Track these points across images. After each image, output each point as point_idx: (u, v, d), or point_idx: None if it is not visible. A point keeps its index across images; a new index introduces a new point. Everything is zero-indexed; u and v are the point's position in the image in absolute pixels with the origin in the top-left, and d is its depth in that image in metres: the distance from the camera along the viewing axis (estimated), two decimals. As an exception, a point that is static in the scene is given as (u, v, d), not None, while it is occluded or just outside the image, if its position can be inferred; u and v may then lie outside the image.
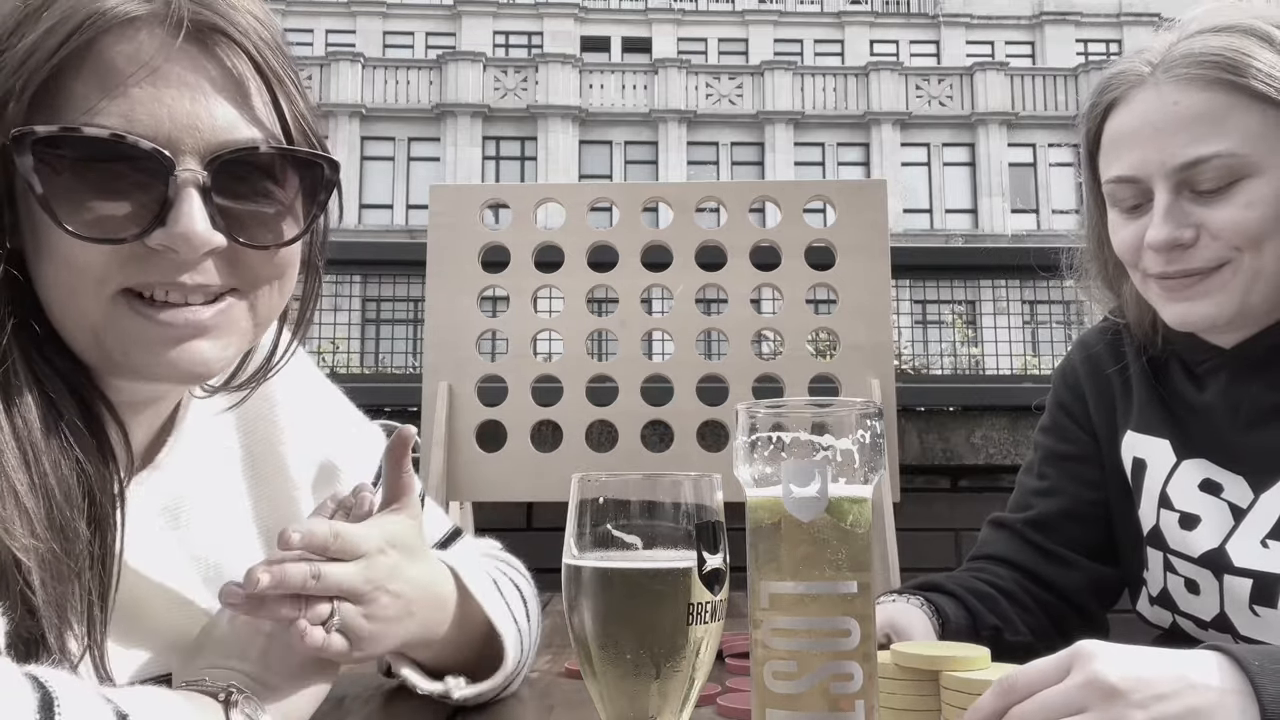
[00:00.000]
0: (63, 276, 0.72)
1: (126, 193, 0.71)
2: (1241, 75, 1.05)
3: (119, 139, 0.70)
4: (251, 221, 0.77)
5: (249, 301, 0.79)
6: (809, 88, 26.72)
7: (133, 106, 0.71)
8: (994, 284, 3.85)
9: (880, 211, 1.90)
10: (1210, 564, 1.13)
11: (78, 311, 0.73)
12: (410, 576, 0.84)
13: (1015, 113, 26.22)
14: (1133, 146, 1.11)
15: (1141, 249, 1.11)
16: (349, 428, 1.06)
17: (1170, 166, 1.07)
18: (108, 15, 0.71)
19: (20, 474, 0.68)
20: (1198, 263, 1.07)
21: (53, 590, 0.68)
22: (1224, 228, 1.05)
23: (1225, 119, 1.05)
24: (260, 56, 0.76)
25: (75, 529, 0.71)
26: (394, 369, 4.62)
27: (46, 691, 0.58)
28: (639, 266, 1.90)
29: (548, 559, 0.93)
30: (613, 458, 1.85)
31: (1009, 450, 2.48)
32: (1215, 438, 1.15)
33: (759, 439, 0.71)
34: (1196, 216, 1.07)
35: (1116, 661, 0.73)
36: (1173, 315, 1.11)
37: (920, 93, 26.70)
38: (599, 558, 0.72)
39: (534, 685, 1.08)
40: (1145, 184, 1.10)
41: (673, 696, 0.72)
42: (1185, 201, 1.07)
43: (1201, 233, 1.06)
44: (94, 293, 0.72)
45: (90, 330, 0.74)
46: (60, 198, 0.70)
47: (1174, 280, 1.09)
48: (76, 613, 0.70)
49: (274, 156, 0.76)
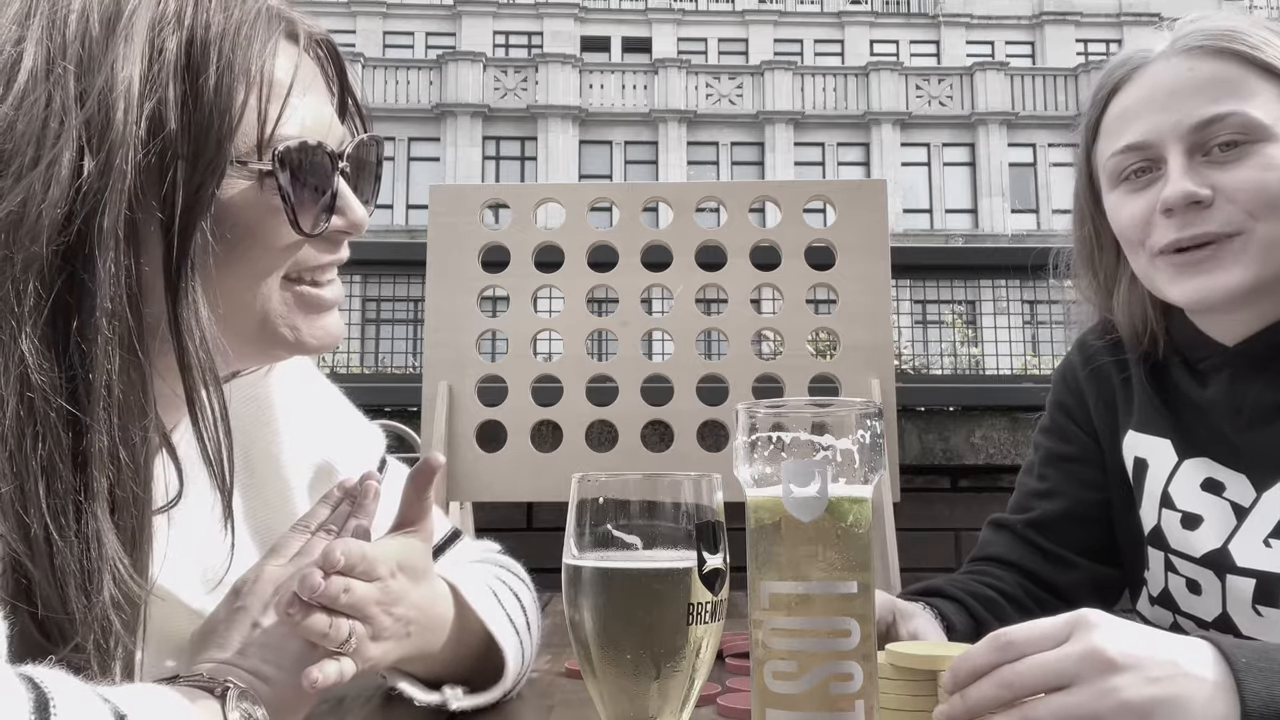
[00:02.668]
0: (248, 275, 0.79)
1: (315, 190, 0.81)
2: (1256, 50, 1.07)
3: (319, 145, 0.80)
4: (364, 198, 0.88)
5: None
6: (809, 88, 26.72)
7: (301, 115, 0.80)
8: (994, 284, 3.85)
9: (880, 211, 1.89)
10: (1212, 564, 1.12)
11: (255, 303, 0.81)
12: (413, 600, 0.84)
13: (1015, 113, 26.23)
14: (1144, 114, 1.10)
15: (1150, 221, 1.09)
16: (347, 428, 1.06)
17: (1186, 126, 1.07)
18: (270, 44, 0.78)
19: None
20: (1214, 225, 1.05)
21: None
22: (1240, 188, 1.04)
23: (1240, 84, 1.06)
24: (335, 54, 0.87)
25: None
26: (394, 369, 4.62)
27: (41, 692, 0.58)
28: (639, 266, 1.90)
29: (548, 559, 0.93)
30: (613, 458, 1.84)
31: (1009, 450, 2.48)
32: (1217, 436, 1.15)
33: (759, 439, 0.71)
34: (1212, 178, 1.06)
35: (1117, 636, 0.72)
36: (1186, 293, 1.09)
37: (920, 93, 26.71)
38: (599, 558, 0.72)
39: (534, 685, 1.08)
40: (1157, 149, 1.09)
41: (673, 696, 0.72)
42: (1200, 165, 1.07)
43: (1217, 195, 1.05)
44: (273, 282, 0.81)
45: (259, 318, 0.81)
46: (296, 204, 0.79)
47: (1186, 254, 1.07)
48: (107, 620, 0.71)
49: (372, 142, 0.88)
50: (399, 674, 0.90)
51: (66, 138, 0.70)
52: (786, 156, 26.08)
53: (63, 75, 0.71)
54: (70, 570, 0.69)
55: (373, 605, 0.79)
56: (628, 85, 26.74)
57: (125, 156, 0.71)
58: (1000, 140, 26.20)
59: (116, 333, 0.71)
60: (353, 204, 0.84)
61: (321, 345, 0.87)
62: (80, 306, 0.70)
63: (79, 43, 0.73)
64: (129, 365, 0.72)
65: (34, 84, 0.71)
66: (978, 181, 26.16)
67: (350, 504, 0.88)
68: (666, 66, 26.59)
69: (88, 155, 0.70)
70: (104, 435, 0.71)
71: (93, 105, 0.71)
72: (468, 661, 0.94)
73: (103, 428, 0.70)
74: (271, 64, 0.78)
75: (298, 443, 0.98)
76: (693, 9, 28.63)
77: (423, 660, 0.89)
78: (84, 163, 0.70)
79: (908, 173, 25.84)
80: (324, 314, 0.85)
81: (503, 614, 0.97)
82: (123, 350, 0.72)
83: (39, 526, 0.68)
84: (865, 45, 28.10)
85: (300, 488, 0.98)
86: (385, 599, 0.80)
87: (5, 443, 0.67)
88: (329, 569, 0.76)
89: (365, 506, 0.87)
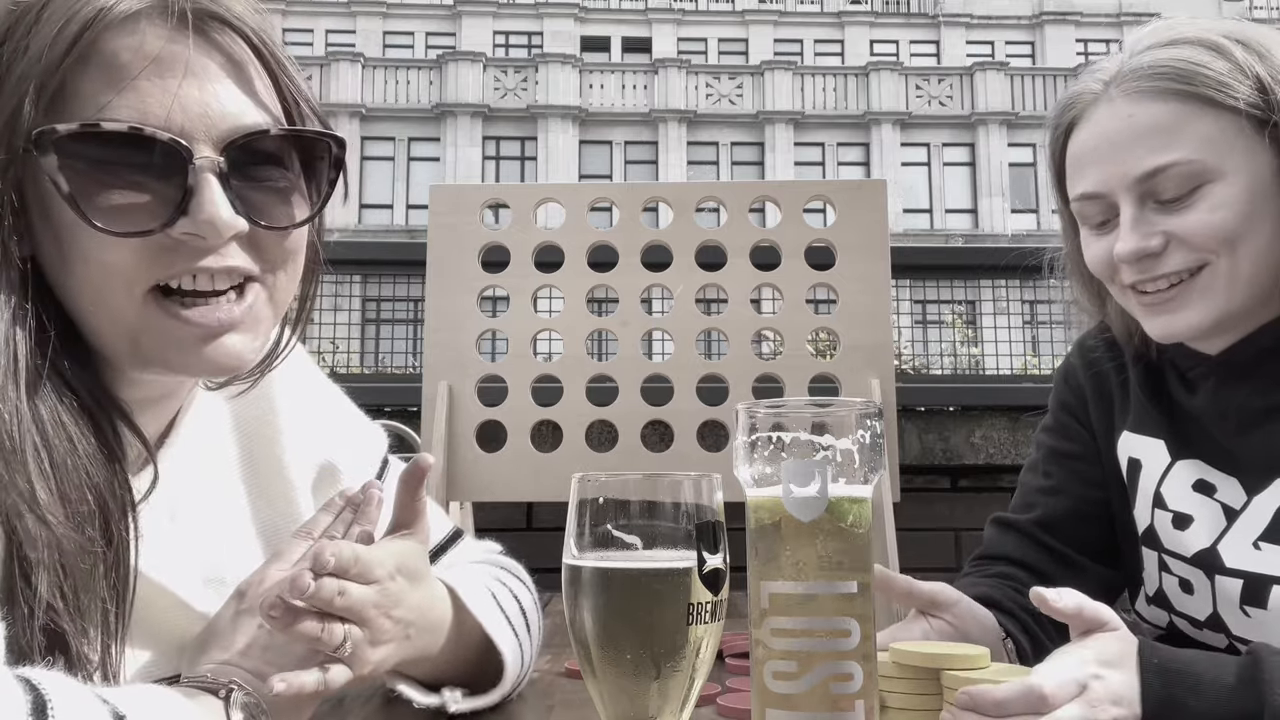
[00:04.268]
0: (93, 278, 0.73)
1: (147, 185, 0.72)
2: (1192, 84, 1.06)
3: (137, 131, 0.71)
4: (267, 204, 0.78)
5: (268, 291, 0.80)
6: (809, 88, 26.71)
7: (143, 99, 0.71)
8: (994, 284, 3.85)
9: (880, 211, 1.89)
10: (1202, 564, 1.13)
11: (111, 314, 0.74)
12: (412, 603, 0.83)
13: (1015, 113, 26.21)
14: (1093, 163, 1.12)
15: (1114, 262, 1.11)
16: (349, 428, 1.06)
17: (1131, 178, 1.08)
18: (111, 12, 0.71)
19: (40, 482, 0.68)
20: (1170, 267, 1.07)
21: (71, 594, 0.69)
22: (1192, 233, 1.05)
23: (1180, 128, 1.06)
24: (259, 40, 0.77)
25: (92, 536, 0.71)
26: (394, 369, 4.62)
27: (39, 694, 0.58)
28: (639, 266, 1.90)
29: (548, 559, 0.93)
30: (613, 458, 1.84)
31: (1009, 450, 2.48)
32: (1208, 440, 1.16)
33: (759, 439, 0.71)
34: (1163, 225, 1.07)
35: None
36: (1156, 329, 1.12)
37: (920, 93, 26.70)
38: (599, 558, 0.72)
39: (534, 685, 1.08)
40: (1110, 199, 1.11)
41: (673, 696, 0.72)
42: (1150, 212, 1.08)
43: (1170, 240, 1.07)
44: (125, 293, 0.73)
45: (126, 332, 0.75)
46: (85, 196, 0.71)
47: (1153, 295, 1.10)
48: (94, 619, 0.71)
49: (284, 138, 0.78)
50: (398, 676, 0.90)
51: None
52: (786, 156, 26.07)
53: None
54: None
55: (370, 608, 0.78)
56: (628, 85, 26.72)
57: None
58: (1000, 140, 26.19)
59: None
60: (205, 204, 0.73)
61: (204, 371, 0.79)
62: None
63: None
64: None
65: None
66: (978, 181, 26.15)
67: (353, 511, 0.87)
68: (666, 66, 26.58)
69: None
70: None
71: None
72: (467, 663, 0.94)
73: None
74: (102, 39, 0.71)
75: (301, 443, 0.98)
76: (693, 9, 28.61)
77: (422, 663, 0.89)
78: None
79: (908, 173, 25.83)
80: (210, 337, 0.76)
81: (501, 616, 0.96)
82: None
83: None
84: (865, 45, 28.09)
85: (304, 488, 0.98)
86: (384, 602, 0.80)
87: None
88: (318, 570, 0.74)
89: (368, 513, 0.87)
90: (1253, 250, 1.05)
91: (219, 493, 0.92)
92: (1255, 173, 1.05)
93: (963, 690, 0.80)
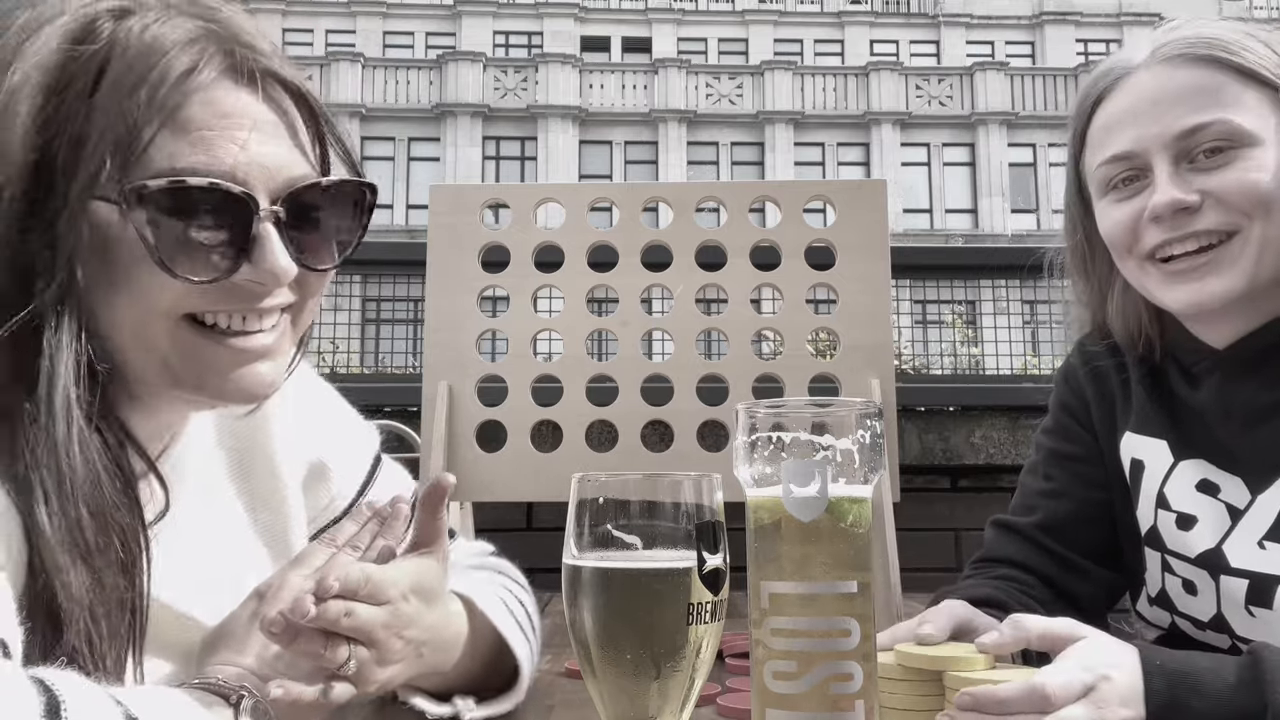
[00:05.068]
0: (136, 312, 0.76)
1: (217, 234, 0.76)
2: (1234, 55, 1.07)
3: (215, 186, 0.75)
4: (313, 246, 0.83)
5: (293, 318, 0.85)
6: (809, 88, 26.71)
7: (214, 153, 0.75)
8: (994, 284, 3.86)
9: (880, 211, 1.89)
10: (1207, 564, 1.12)
11: (146, 342, 0.77)
12: (425, 623, 0.84)
13: (1015, 113, 26.22)
14: (1128, 124, 1.11)
15: (1139, 227, 1.10)
16: (341, 427, 1.06)
17: (1171, 135, 1.07)
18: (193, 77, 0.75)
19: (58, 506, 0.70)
20: (1203, 225, 1.06)
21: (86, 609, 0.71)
22: (1230, 191, 1.05)
23: (1222, 91, 1.07)
24: (304, 94, 0.82)
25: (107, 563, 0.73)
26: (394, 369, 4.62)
27: (53, 695, 0.58)
28: (639, 266, 1.90)
29: (548, 559, 0.93)
30: (613, 458, 1.84)
31: (1009, 450, 2.48)
32: (1212, 439, 1.15)
33: (759, 439, 0.71)
34: (1199, 183, 1.07)
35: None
36: (1179, 298, 1.10)
37: (920, 93, 26.70)
38: (599, 558, 0.72)
39: (534, 685, 1.08)
40: (1143, 159, 1.10)
41: (673, 696, 0.72)
42: (1186, 171, 1.08)
43: (1206, 199, 1.06)
44: (162, 322, 0.77)
45: (160, 358, 0.78)
46: (164, 245, 0.74)
47: (1180, 259, 1.08)
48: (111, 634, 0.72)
49: (330, 186, 0.83)
50: (409, 689, 0.90)
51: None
52: (786, 156, 26.07)
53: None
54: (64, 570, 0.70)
55: (379, 629, 0.78)
56: (628, 85, 26.72)
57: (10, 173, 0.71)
58: (1000, 140, 26.19)
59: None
60: (268, 254, 0.78)
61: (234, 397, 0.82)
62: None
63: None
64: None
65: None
66: (978, 181, 26.15)
67: (379, 523, 0.88)
68: (666, 66, 26.58)
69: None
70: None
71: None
72: (479, 672, 0.95)
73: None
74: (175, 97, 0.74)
75: (291, 441, 0.98)
76: (693, 9, 28.61)
77: (433, 676, 0.89)
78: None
79: (908, 173, 25.83)
80: (243, 364, 0.80)
81: (515, 625, 0.97)
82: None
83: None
84: (865, 45, 28.09)
85: (294, 485, 0.98)
86: (395, 622, 0.80)
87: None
88: (321, 595, 0.75)
89: (394, 528, 0.88)
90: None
91: (214, 502, 0.92)
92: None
93: (965, 690, 0.80)
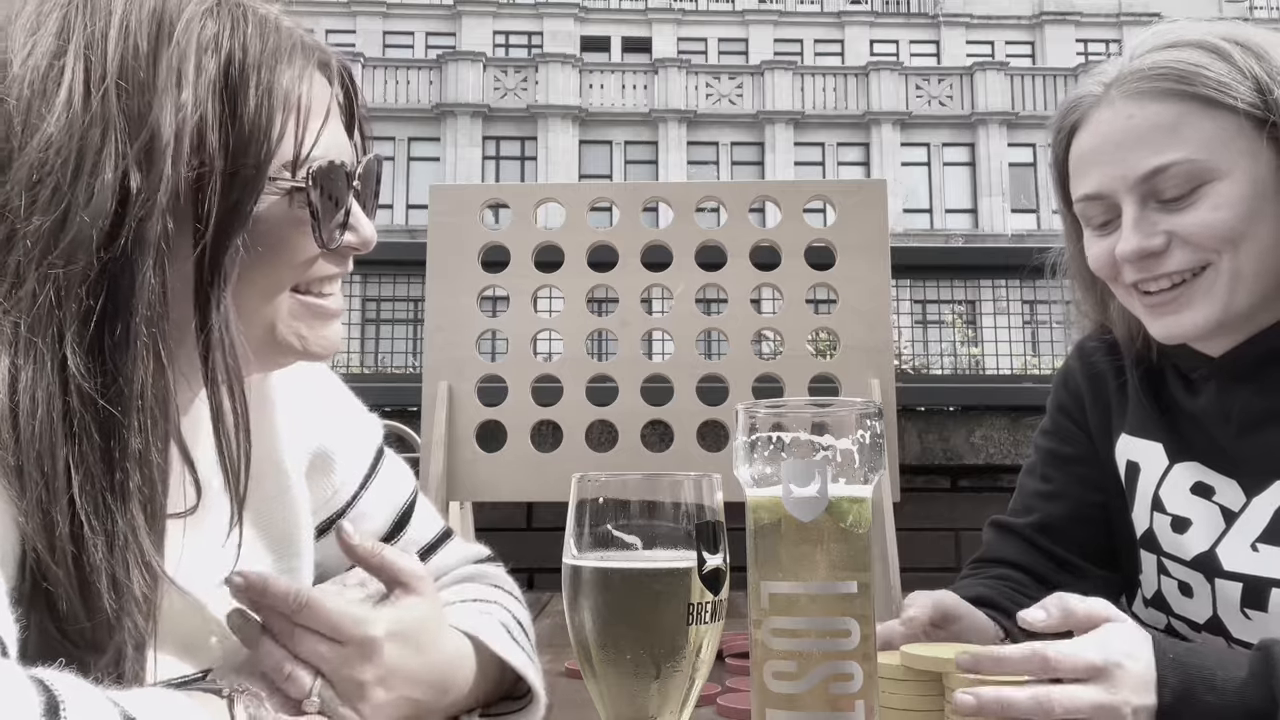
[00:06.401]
0: (268, 284, 0.84)
1: (338, 207, 0.86)
2: (1191, 84, 1.06)
3: (341, 164, 0.86)
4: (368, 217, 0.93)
5: None
6: (809, 88, 26.71)
7: (326, 135, 0.84)
8: (994, 284, 3.86)
9: (880, 211, 1.89)
10: (1201, 567, 1.13)
11: (267, 312, 0.85)
12: (411, 671, 0.82)
13: (1015, 113, 26.22)
14: (1095, 164, 1.12)
15: (1118, 263, 1.11)
16: (345, 416, 1.07)
17: (1132, 178, 1.08)
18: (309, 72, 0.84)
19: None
20: (1173, 266, 1.07)
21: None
22: (1194, 232, 1.06)
23: (1181, 127, 1.06)
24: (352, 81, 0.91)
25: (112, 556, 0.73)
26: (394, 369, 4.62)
27: (52, 695, 0.58)
28: (639, 266, 1.90)
29: (548, 559, 0.93)
30: (613, 458, 1.84)
31: (1009, 450, 2.48)
32: (1208, 443, 1.16)
33: (759, 439, 0.71)
34: (1165, 224, 1.07)
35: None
36: (1159, 330, 1.12)
37: (920, 93, 26.70)
38: (599, 558, 0.72)
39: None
40: (1112, 199, 1.11)
41: (673, 696, 0.72)
42: (1153, 211, 1.08)
43: (1172, 240, 1.07)
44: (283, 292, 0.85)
45: (267, 326, 0.85)
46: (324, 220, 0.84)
47: (1156, 295, 1.10)
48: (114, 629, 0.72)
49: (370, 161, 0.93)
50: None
51: (108, 153, 0.73)
52: (786, 156, 26.07)
53: (106, 93, 0.74)
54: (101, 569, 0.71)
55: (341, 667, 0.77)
56: (628, 85, 26.72)
57: (167, 173, 0.75)
58: (1000, 140, 26.19)
59: (150, 340, 0.74)
60: (363, 221, 0.89)
61: (324, 353, 0.91)
62: (119, 315, 0.73)
63: (121, 61, 0.75)
64: (158, 372, 0.75)
65: (74, 100, 0.73)
66: (978, 181, 26.15)
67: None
68: (666, 66, 26.58)
69: (132, 172, 0.73)
70: (137, 437, 0.73)
71: (138, 124, 0.74)
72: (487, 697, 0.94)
73: (135, 431, 0.73)
74: (305, 89, 0.83)
75: (294, 430, 0.98)
76: (693, 9, 28.61)
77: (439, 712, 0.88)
78: (128, 179, 0.73)
79: (908, 173, 25.82)
80: (328, 323, 0.90)
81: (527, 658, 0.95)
82: (154, 358, 0.74)
83: (66, 524, 0.70)
84: (865, 45, 28.08)
85: (297, 475, 0.98)
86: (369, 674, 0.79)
87: (36, 443, 0.69)
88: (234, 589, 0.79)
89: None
90: (1255, 250, 1.05)
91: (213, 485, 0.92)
92: (1256, 173, 1.05)
93: (964, 649, 0.82)
